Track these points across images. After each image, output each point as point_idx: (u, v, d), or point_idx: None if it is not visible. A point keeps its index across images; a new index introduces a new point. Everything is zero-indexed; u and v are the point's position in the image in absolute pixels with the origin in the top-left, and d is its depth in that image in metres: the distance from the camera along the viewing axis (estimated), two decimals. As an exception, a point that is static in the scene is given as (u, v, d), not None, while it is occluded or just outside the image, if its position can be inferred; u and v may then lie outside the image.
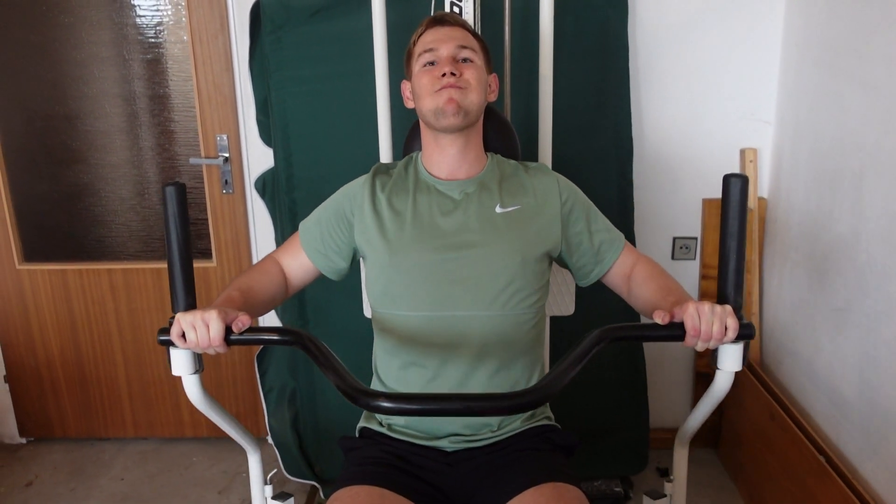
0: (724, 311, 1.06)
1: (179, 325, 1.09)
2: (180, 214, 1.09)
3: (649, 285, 1.31)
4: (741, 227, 1.08)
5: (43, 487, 2.47)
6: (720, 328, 1.05)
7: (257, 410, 2.64)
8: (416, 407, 1.02)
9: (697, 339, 1.06)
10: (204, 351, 1.11)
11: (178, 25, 2.32)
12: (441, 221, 1.35)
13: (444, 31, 1.37)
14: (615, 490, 2.27)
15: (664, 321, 1.08)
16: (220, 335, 1.08)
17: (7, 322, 2.62)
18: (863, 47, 1.78)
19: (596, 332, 1.07)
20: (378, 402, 1.00)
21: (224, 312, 1.10)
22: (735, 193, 1.07)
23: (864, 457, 1.77)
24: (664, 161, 2.33)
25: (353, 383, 1.02)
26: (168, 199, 1.08)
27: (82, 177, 2.48)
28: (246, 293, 1.28)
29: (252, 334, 1.12)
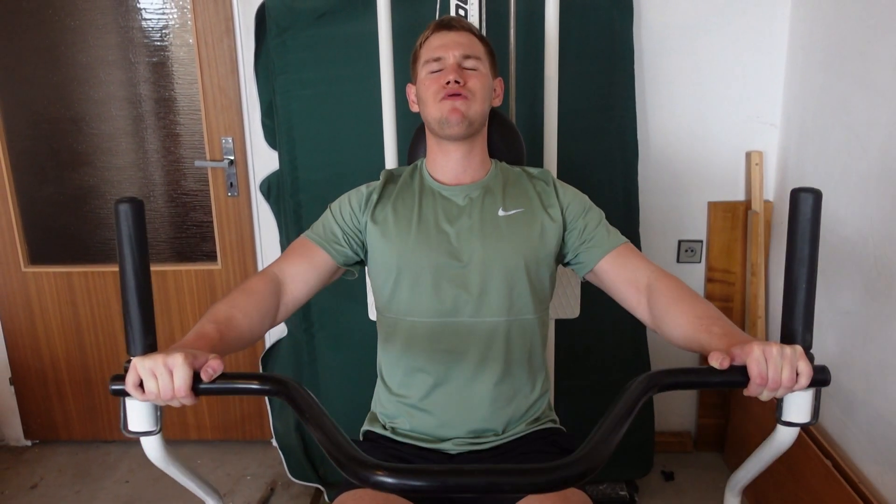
0: (795, 353, 0.91)
1: (136, 373, 0.91)
2: (136, 236, 0.90)
3: (680, 309, 1.13)
4: (812, 252, 0.90)
5: (48, 490, 2.47)
6: (790, 374, 0.90)
7: (262, 413, 2.64)
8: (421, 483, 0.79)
9: (763, 388, 0.91)
10: (166, 403, 0.93)
11: (183, 29, 2.33)
12: (446, 227, 1.35)
13: (450, 36, 1.36)
14: (620, 493, 2.27)
15: (723, 365, 0.91)
16: (186, 384, 0.90)
17: (13, 324, 2.62)
18: (869, 50, 1.77)
19: (641, 379, 0.90)
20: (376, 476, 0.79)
21: (191, 356, 0.92)
22: (806, 211, 0.89)
23: (871, 461, 1.77)
24: (669, 164, 2.33)
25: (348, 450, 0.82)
26: (122, 217, 0.90)
27: (88, 180, 2.49)
28: (224, 324, 1.11)
29: (226, 382, 0.93)
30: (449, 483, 0.79)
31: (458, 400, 1.34)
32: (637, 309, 1.25)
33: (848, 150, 1.87)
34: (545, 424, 1.41)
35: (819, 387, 0.92)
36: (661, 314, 1.16)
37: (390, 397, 1.40)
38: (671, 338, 1.14)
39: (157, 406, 0.95)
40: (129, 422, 0.95)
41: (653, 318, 1.20)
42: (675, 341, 1.12)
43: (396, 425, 1.40)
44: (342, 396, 2.31)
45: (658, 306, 1.17)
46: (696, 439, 2.57)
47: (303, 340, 2.32)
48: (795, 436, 0.98)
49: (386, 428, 1.41)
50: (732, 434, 2.46)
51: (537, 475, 0.79)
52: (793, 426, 0.95)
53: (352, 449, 0.82)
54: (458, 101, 1.31)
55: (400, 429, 1.39)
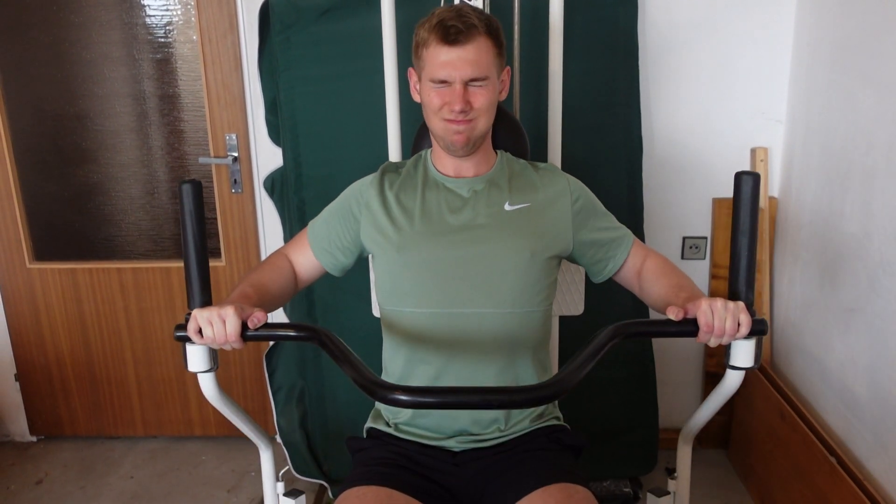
0: (737, 307, 1.07)
1: (196, 322, 1.10)
2: (196, 212, 1.10)
3: (661, 281, 1.31)
4: (753, 225, 1.08)
5: (53, 485, 2.48)
6: (733, 324, 1.06)
7: (266, 409, 2.64)
8: (432, 399, 1.02)
9: (710, 335, 1.07)
10: (220, 347, 1.12)
11: (187, 25, 2.33)
12: (450, 218, 1.35)
13: (455, 53, 1.26)
14: (624, 490, 2.26)
15: (677, 317, 1.09)
16: (236, 331, 1.09)
17: (18, 321, 2.63)
18: (874, 46, 1.76)
19: (610, 327, 1.07)
20: (394, 394, 1.00)
21: (240, 308, 1.11)
22: (747, 191, 1.07)
23: (875, 457, 1.76)
24: (674, 160, 2.32)
25: (370, 377, 1.03)
26: (184, 196, 1.09)
27: (92, 176, 2.49)
28: (259, 289, 1.29)
29: (268, 330, 1.13)
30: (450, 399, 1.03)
31: None
32: (632, 285, 1.42)
33: (854, 147, 1.86)
34: (549, 421, 1.41)
35: (758, 336, 1.09)
36: (647, 286, 1.35)
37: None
38: (650, 303, 1.33)
39: (212, 349, 1.14)
40: (190, 362, 1.14)
41: (641, 290, 1.38)
42: (652, 306, 1.32)
43: (399, 420, 1.40)
44: (346, 394, 2.32)
45: (646, 280, 1.36)
46: (701, 437, 2.57)
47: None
48: (741, 379, 1.17)
49: (389, 425, 1.41)
50: (737, 431, 2.45)
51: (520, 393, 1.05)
52: (739, 370, 1.14)
53: (375, 377, 1.03)
54: (462, 126, 1.30)
55: (402, 425, 1.39)
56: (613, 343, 1.07)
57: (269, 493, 1.40)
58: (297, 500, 1.39)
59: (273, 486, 1.40)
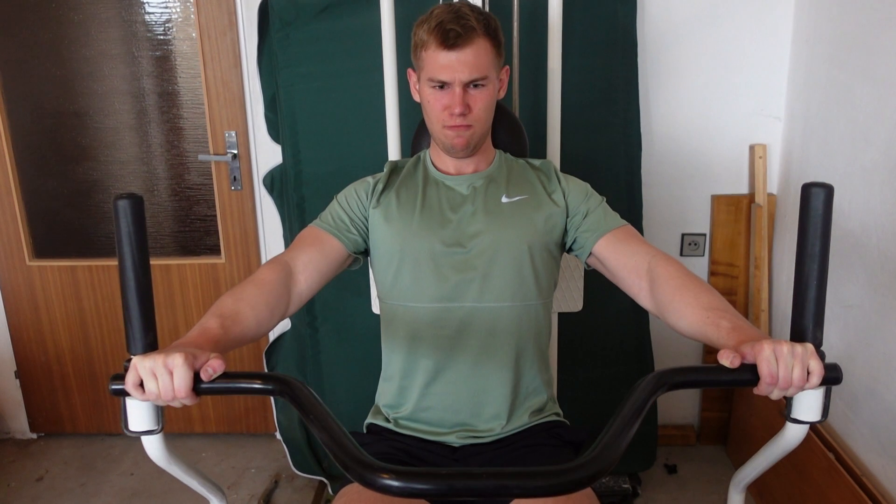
0: (806, 351, 0.89)
1: (137, 373, 0.89)
2: (136, 233, 0.88)
3: (686, 298, 1.11)
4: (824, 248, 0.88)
5: (53, 482, 2.49)
6: (801, 373, 0.88)
7: (266, 406, 2.65)
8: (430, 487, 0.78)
9: (774, 388, 0.89)
10: (167, 403, 0.92)
11: (186, 22, 2.33)
12: (449, 214, 1.36)
13: (453, 56, 1.25)
14: (623, 487, 2.27)
15: (734, 365, 0.89)
16: (186, 385, 0.89)
17: (18, 318, 2.63)
18: (873, 42, 1.76)
19: (651, 377, 0.88)
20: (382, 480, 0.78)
21: (191, 356, 0.90)
22: (817, 206, 0.88)
23: (874, 453, 1.77)
24: (673, 157, 2.33)
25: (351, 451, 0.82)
26: (121, 213, 0.88)
27: (92, 174, 2.49)
28: (230, 319, 1.10)
29: (227, 381, 0.91)
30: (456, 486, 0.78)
31: (462, 385, 1.34)
32: (639, 296, 1.22)
33: (852, 143, 1.86)
34: (548, 417, 1.41)
35: (830, 385, 0.90)
36: (665, 303, 1.14)
37: (393, 386, 1.40)
38: (677, 328, 1.11)
39: (158, 406, 0.94)
40: (130, 421, 0.94)
41: (656, 305, 1.17)
42: (680, 332, 1.11)
43: (399, 416, 1.40)
44: (346, 390, 2.32)
45: (662, 294, 1.15)
46: (700, 433, 2.57)
47: (306, 334, 2.33)
48: (804, 434, 0.96)
49: (389, 420, 1.42)
50: (735, 427, 2.46)
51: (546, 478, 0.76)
52: (802, 424, 0.93)
53: (357, 451, 0.81)
54: (462, 130, 1.31)
55: (402, 420, 1.40)
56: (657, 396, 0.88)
57: None
58: None
59: None
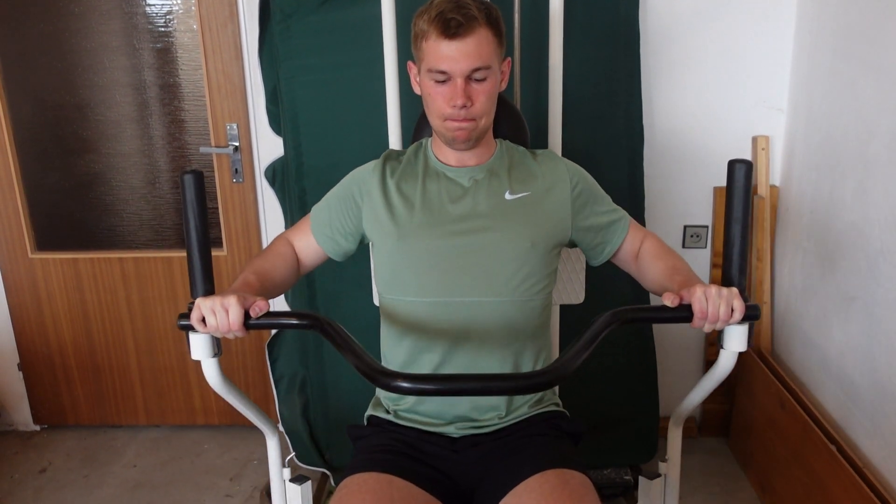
0: (731, 293, 1.09)
1: (199, 310, 1.10)
2: (198, 202, 1.10)
3: (657, 264, 1.33)
4: (745, 213, 1.10)
5: (56, 474, 2.50)
6: (727, 310, 1.08)
7: (268, 398, 2.65)
8: (433, 387, 1.04)
9: (705, 321, 1.10)
10: (223, 335, 1.12)
11: (187, 14, 2.32)
12: (450, 208, 1.35)
13: (455, 46, 1.24)
14: (625, 478, 2.27)
15: (673, 304, 1.11)
16: (239, 319, 1.10)
17: (20, 311, 2.64)
18: (877, 33, 1.76)
19: (607, 314, 1.10)
20: (396, 381, 1.02)
21: (242, 297, 1.12)
22: (739, 178, 1.09)
23: (874, 445, 1.77)
24: (675, 149, 2.32)
25: (372, 364, 1.04)
26: (186, 186, 1.10)
27: (93, 166, 2.49)
28: (262, 277, 1.30)
29: (270, 319, 1.15)
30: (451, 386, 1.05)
31: None
32: (630, 267, 1.44)
33: (855, 135, 1.86)
34: (548, 407, 1.42)
35: (751, 321, 1.12)
36: (643, 268, 1.37)
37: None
38: (646, 286, 1.36)
39: (215, 338, 1.15)
40: (193, 350, 1.15)
41: (638, 271, 1.40)
42: (648, 288, 1.36)
43: (399, 408, 1.40)
44: (347, 382, 2.32)
45: (642, 262, 1.38)
46: (701, 425, 2.58)
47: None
48: (734, 361, 1.17)
49: (389, 412, 1.42)
50: (737, 420, 2.46)
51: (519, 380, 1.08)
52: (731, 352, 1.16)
53: (377, 365, 1.05)
54: (463, 124, 1.30)
55: (402, 412, 1.40)
56: (610, 329, 1.09)
57: (275, 478, 1.42)
58: (302, 486, 1.41)
59: (279, 472, 1.42)
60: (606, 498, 2.25)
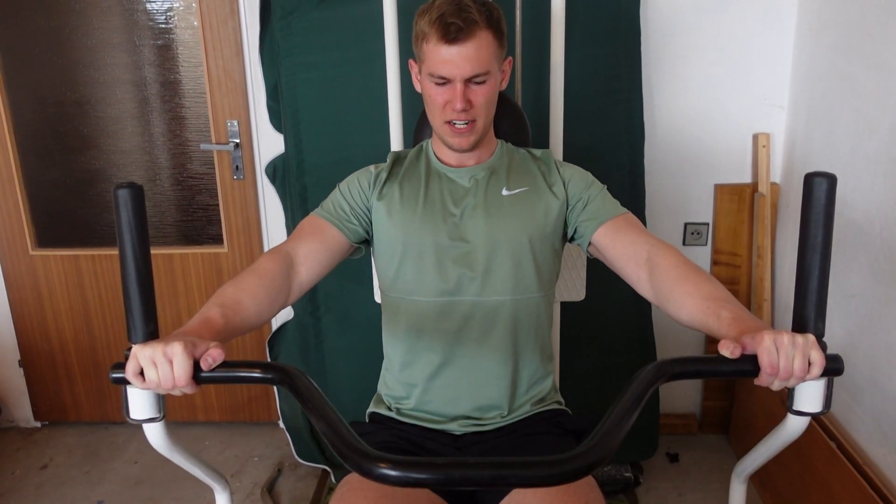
0: (807, 342, 0.89)
1: (137, 361, 0.90)
2: (136, 222, 0.88)
3: (686, 289, 1.09)
4: (826, 239, 0.87)
5: (58, 470, 2.50)
6: (802, 364, 0.88)
7: (269, 395, 2.65)
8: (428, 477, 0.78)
9: (774, 378, 0.89)
10: (167, 392, 0.92)
11: (188, 11, 2.32)
12: (452, 208, 1.36)
13: (454, 51, 1.23)
14: (625, 475, 2.28)
15: (734, 355, 0.88)
16: (186, 374, 0.89)
17: (21, 307, 2.64)
18: (878, 31, 1.75)
19: (650, 368, 0.89)
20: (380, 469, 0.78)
21: (191, 345, 0.91)
22: (820, 196, 0.87)
23: (876, 443, 1.77)
24: (676, 146, 2.32)
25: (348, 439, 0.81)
26: (121, 203, 0.87)
27: (94, 163, 2.49)
28: (230, 308, 1.09)
29: (226, 370, 0.92)
30: (454, 476, 0.78)
31: (464, 378, 1.35)
32: (638, 284, 1.21)
33: (856, 132, 1.86)
34: (550, 405, 1.42)
35: (831, 376, 0.89)
36: (665, 292, 1.13)
37: (395, 378, 1.41)
38: (677, 318, 1.11)
39: (159, 395, 0.95)
40: (132, 409, 0.94)
41: (656, 295, 1.16)
42: (680, 322, 1.10)
43: (402, 406, 1.41)
44: (348, 379, 2.33)
45: (662, 284, 1.14)
46: (701, 421, 2.58)
47: (309, 323, 2.33)
48: (806, 425, 0.95)
49: (391, 409, 1.42)
50: (737, 417, 2.47)
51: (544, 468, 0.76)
52: (803, 415, 0.93)
53: (354, 441, 0.81)
54: (463, 128, 1.30)
55: (405, 410, 1.40)
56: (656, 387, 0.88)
57: None
58: None
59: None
60: (607, 494, 2.24)
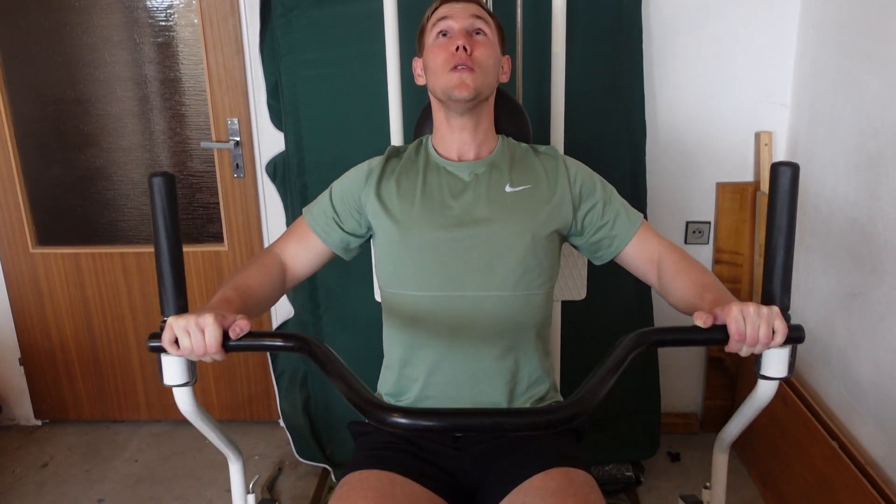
0: (771, 312, 0.99)
1: (172, 331, 1.00)
2: (169, 208, 1.00)
3: (683, 279, 1.22)
4: (790, 222, 0.99)
5: (58, 468, 2.50)
6: (767, 331, 0.98)
7: (269, 393, 2.65)
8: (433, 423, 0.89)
9: (742, 344, 0.99)
10: (199, 359, 1.02)
11: (188, 8, 2.31)
12: (450, 202, 1.35)
13: (458, 6, 1.34)
14: (626, 475, 2.27)
15: (706, 324, 0.99)
16: (217, 341, 0.99)
17: (21, 305, 2.64)
18: (881, 28, 1.75)
19: (632, 336, 1.00)
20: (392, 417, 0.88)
21: (221, 316, 1.01)
22: (784, 183, 0.98)
23: (878, 442, 1.76)
24: (678, 145, 2.31)
25: (364, 395, 0.92)
26: (155, 190, 1.00)
27: (94, 161, 2.49)
28: (243, 293, 1.20)
29: (252, 340, 1.03)
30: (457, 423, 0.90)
31: (462, 376, 1.34)
32: (648, 277, 1.34)
33: (859, 131, 1.85)
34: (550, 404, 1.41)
35: (794, 344, 1.00)
36: (667, 283, 1.26)
37: (394, 374, 1.40)
38: (673, 303, 1.24)
39: (190, 360, 1.04)
40: (165, 375, 1.04)
41: (661, 286, 1.30)
42: (675, 306, 1.23)
43: (401, 404, 1.40)
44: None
45: (666, 276, 1.27)
46: (702, 421, 2.58)
47: (309, 322, 2.33)
48: (774, 389, 1.07)
49: (391, 408, 1.41)
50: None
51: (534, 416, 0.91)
52: (771, 380, 1.04)
53: (370, 396, 0.92)
54: (465, 74, 1.30)
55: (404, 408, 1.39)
56: (636, 353, 0.98)
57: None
58: None
59: (243, 499, 1.34)
60: (608, 494, 2.25)
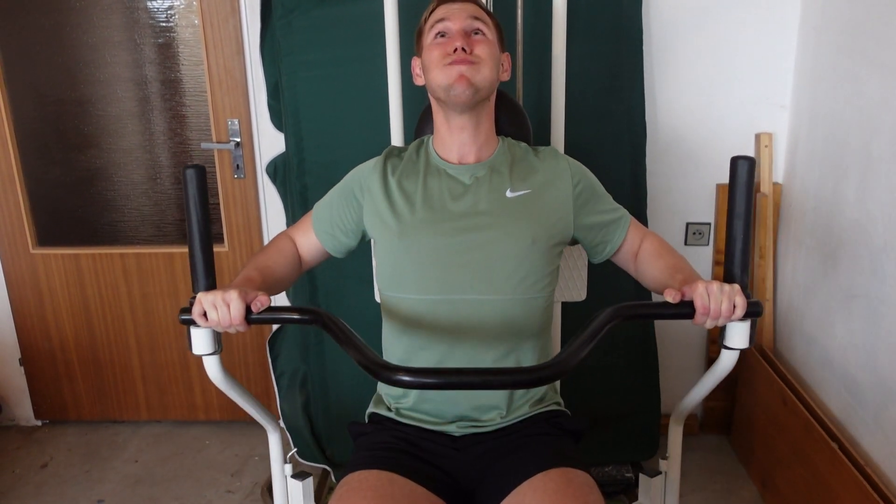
0: (733, 289, 1.10)
1: (201, 305, 1.12)
2: (200, 197, 1.12)
3: (657, 263, 1.33)
4: (748, 209, 1.10)
5: (58, 469, 2.50)
6: (728, 306, 1.09)
7: (269, 394, 2.65)
8: (433, 380, 1.04)
9: (706, 318, 1.10)
10: (224, 330, 1.14)
11: (188, 9, 2.31)
12: (451, 205, 1.35)
13: (456, 5, 1.35)
14: (626, 476, 2.27)
15: (675, 300, 1.11)
16: (240, 314, 1.11)
17: (22, 306, 2.64)
18: (881, 30, 1.75)
19: (608, 309, 1.10)
20: (397, 375, 1.03)
21: (244, 292, 1.13)
22: (742, 175, 1.09)
23: (876, 441, 1.76)
24: (678, 146, 2.31)
25: (373, 358, 1.05)
26: (188, 181, 1.11)
27: (95, 161, 2.49)
28: (264, 272, 1.31)
29: (271, 314, 1.15)
30: (453, 381, 1.04)
31: None
32: (627, 266, 1.44)
33: (859, 132, 1.85)
34: (549, 406, 1.41)
35: (753, 318, 1.12)
36: (643, 267, 1.37)
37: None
38: (647, 284, 1.36)
39: (216, 332, 1.17)
40: (194, 345, 1.17)
41: (637, 270, 1.40)
42: (648, 287, 1.36)
43: (401, 406, 1.40)
44: (348, 379, 2.32)
45: (643, 261, 1.38)
46: (703, 422, 2.58)
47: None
48: (735, 359, 1.18)
49: (391, 409, 1.42)
50: (738, 417, 2.46)
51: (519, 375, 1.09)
52: (733, 350, 1.17)
53: (379, 359, 1.06)
54: (464, 67, 1.30)
55: (404, 409, 1.40)
56: (612, 324, 1.09)
57: (277, 474, 1.42)
58: (304, 482, 1.41)
59: (281, 468, 1.42)
60: (608, 495, 2.25)
